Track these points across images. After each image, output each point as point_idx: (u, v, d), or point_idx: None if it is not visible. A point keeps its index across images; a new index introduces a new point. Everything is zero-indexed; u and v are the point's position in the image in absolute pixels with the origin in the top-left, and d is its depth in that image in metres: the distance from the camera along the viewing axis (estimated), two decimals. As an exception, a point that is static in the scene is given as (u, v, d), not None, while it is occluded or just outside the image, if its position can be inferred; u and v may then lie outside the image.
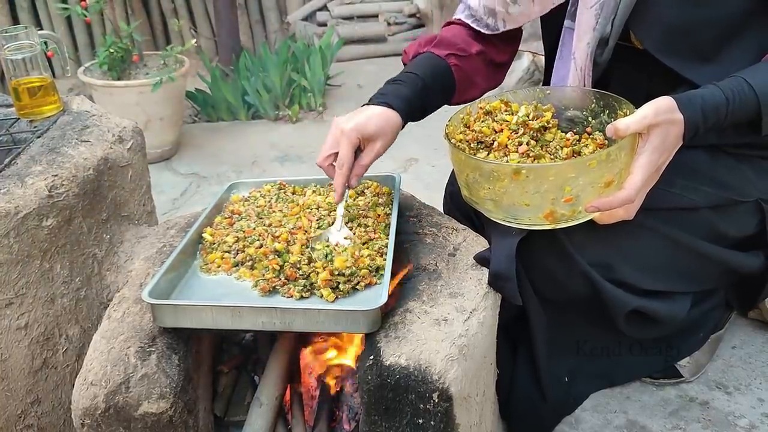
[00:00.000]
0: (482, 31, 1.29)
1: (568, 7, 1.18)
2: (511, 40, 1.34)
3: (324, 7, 4.13)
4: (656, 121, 0.96)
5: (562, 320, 1.24)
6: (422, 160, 2.57)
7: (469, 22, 1.30)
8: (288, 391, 1.14)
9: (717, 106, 0.99)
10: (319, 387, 1.15)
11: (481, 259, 1.09)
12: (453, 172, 1.50)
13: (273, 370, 1.12)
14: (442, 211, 1.35)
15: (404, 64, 1.30)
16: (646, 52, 1.12)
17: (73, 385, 0.97)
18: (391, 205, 1.20)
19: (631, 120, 0.95)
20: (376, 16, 4.04)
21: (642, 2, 1.08)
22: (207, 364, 1.12)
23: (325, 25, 4.00)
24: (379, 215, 1.17)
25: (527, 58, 2.90)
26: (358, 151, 1.12)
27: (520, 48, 1.37)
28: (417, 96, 1.19)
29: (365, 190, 1.27)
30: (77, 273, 1.19)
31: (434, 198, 1.47)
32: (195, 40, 2.98)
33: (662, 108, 0.96)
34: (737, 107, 1.00)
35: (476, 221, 1.34)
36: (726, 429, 1.26)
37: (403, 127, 1.17)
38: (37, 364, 1.16)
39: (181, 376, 0.97)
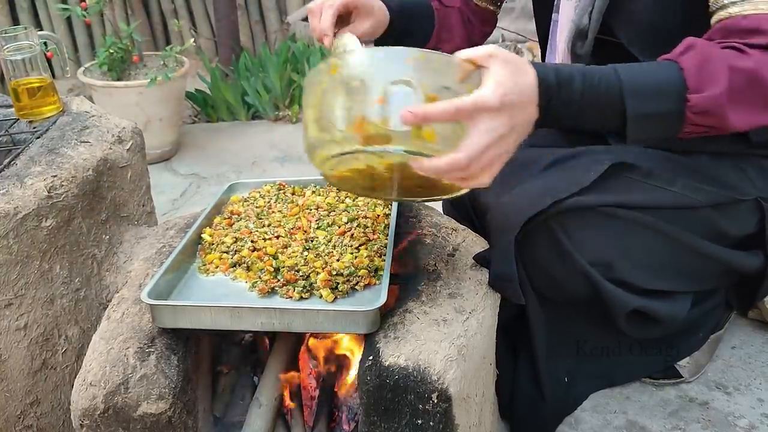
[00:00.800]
0: None
1: (555, 0, 1.19)
2: (483, 22, 1.37)
3: (324, 8, 4.12)
4: (497, 53, 0.84)
5: (562, 320, 1.24)
6: (422, 160, 2.56)
7: None
8: (287, 392, 1.14)
9: (572, 73, 0.90)
10: (318, 387, 1.15)
11: (481, 260, 1.09)
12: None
13: (272, 370, 1.12)
14: (442, 212, 1.35)
15: None
16: None
17: (73, 385, 0.97)
18: (391, 206, 1.20)
19: (468, 50, 0.85)
20: (376, 16, 4.03)
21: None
22: (206, 364, 1.12)
23: (325, 25, 4.00)
24: (378, 216, 1.17)
25: (527, 55, 2.90)
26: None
27: (522, 38, 1.38)
28: (400, 14, 1.20)
29: (365, 191, 1.27)
30: (77, 274, 1.19)
31: (434, 198, 1.47)
32: (193, 40, 2.98)
33: (510, 53, 0.86)
34: (596, 84, 0.90)
35: (476, 222, 1.34)
36: (726, 429, 1.26)
37: (387, 29, 1.18)
38: (37, 365, 1.16)
39: (180, 377, 0.97)
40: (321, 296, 1.00)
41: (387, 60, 0.84)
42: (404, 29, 1.23)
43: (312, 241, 1.11)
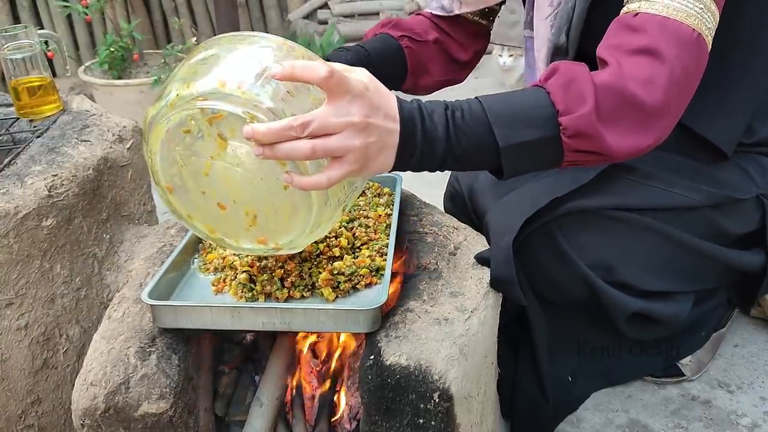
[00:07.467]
0: (438, 13, 1.27)
1: (525, 16, 1.17)
2: (475, 37, 1.32)
3: (325, 5, 4.12)
4: (362, 70, 0.83)
5: (563, 320, 1.23)
6: (423, 158, 2.56)
7: (431, 10, 1.29)
8: (288, 391, 1.14)
9: (434, 106, 0.87)
10: (319, 386, 1.15)
11: (482, 260, 1.09)
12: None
13: (273, 369, 1.12)
14: (443, 210, 1.35)
15: None
16: None
17: (74, 385, 0.97)
18: (392, 205, 1.20)
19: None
20: (377, 14, 4.03)
21: (597, 15, 1.05)
22: (207, 364, 1.12)
23: (326, 23, 4.00)
24: (379, 215, 1.17)
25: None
26: None
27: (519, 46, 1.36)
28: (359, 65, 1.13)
29: (366, 191, 1.26)
30: (77, 273, 1.19)
31: (435, 196, 1.46)
32: (194, 38, 2.98)
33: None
34: (462, 116, 0.87)
35: (476, 221, 1.34)
36: (728, 428, 1.26)
37: None
38: (38, 365, 1.16)
39: (181, 377, 0.97)
40: (322, 295, 1.00)
41: (248, 40, 0.84)
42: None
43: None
